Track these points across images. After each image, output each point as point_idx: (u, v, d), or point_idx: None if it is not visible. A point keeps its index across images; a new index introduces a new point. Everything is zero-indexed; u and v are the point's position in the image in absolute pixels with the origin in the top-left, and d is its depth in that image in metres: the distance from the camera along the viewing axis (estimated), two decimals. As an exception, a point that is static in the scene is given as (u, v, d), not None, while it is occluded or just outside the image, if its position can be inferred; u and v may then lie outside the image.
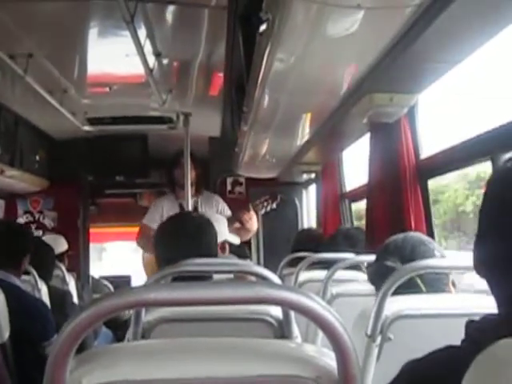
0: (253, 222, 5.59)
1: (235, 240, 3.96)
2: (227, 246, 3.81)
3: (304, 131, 4.30)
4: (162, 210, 5.68)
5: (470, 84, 3.46)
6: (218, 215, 4.23)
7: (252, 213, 5.54)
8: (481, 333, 1.07)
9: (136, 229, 5.97)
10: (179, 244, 2.57)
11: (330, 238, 4.06)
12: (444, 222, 5.83)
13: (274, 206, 5.74)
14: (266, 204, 5.67)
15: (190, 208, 5.57)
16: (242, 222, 5.51)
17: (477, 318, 1.13)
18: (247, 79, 3.36)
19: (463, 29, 2.28)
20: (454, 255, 3.61)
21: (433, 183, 3.55)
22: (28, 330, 3.12)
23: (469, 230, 5.46)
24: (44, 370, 1.04)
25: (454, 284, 2.20)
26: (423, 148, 3.53)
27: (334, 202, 5.63)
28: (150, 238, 5.44)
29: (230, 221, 5.50)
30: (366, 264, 3.10)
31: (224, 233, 3.79)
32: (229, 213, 5.74)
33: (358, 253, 3.26)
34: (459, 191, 5.59)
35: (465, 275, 2.29)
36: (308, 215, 7.05)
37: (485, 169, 3.03)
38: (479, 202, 1.14)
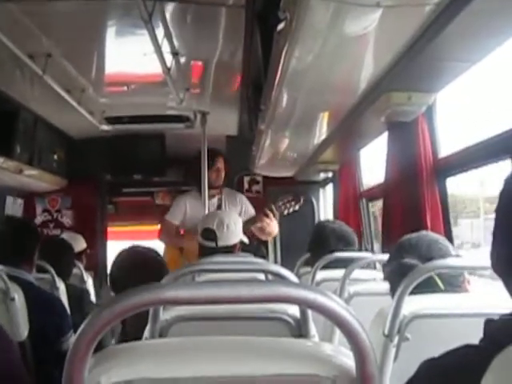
0: (272, 225, 5.52)
1: (245, 239, 4.03)
2: (239, 246, 3.93)
3: (321, 130, 4.29)
4: (184, 207, 5.69)
5: (489, 82, 3.43)
6: (238, 216, 4.24)
7: (271, 217, 5.45)
8: (500, 332, 1.07)
9: (153, 227, 5.99)
10: None
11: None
12: None
13: (297, 207, 5.67)
14: (288, 205, 5.62)
15: (212, 206, 5.60)
16: (261, 227, 5.44)
17: (495, 318, 1.13)
18: (265, 78, 3.35)
19: (482, 27, 2.27)
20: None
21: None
22: (44, 326, 3.11)
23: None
24: (62, 367, 1.04)
25: (469, 282, 2.18)
26: (441, 147, 3.51)
27: (351, 200, 5.61)
28: (172, 234, 5.52)
29: (252, 221, 5.47)
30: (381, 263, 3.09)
31: (240, 234, 3.91)
32: (252, 212, 5.71)
33: None
34: None
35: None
36: (325, 214, 7.04)
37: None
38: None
